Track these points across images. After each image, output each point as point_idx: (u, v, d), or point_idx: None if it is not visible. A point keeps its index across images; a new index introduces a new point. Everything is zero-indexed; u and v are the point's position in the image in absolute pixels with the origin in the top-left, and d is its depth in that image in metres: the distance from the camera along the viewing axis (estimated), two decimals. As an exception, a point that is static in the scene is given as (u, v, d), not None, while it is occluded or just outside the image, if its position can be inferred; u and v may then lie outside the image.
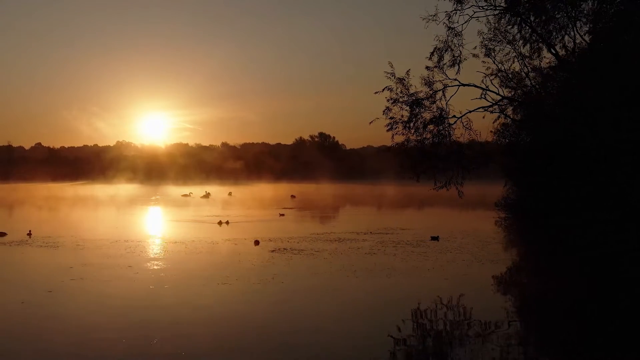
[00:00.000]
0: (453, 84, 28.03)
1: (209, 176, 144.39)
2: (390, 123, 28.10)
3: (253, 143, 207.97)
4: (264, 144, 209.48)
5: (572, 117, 30.28)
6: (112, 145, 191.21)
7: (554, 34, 25.95)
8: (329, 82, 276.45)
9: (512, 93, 31.26)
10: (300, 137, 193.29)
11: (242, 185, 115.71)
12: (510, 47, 28.69)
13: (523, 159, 36.20)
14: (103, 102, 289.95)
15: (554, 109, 30.86)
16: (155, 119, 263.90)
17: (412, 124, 27.98)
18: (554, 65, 30.45)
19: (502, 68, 29.48)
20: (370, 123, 28.22)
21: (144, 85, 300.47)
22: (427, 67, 28.07)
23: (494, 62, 29.37)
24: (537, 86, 33.43)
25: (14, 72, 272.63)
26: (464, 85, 28.13)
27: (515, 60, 29.28)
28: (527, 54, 28.78)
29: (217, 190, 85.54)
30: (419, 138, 27.65)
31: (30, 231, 30.74)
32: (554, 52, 26.96)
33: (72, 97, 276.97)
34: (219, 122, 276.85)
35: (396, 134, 27.93)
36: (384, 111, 28.26)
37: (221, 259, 23.11)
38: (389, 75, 28.00)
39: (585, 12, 25.51)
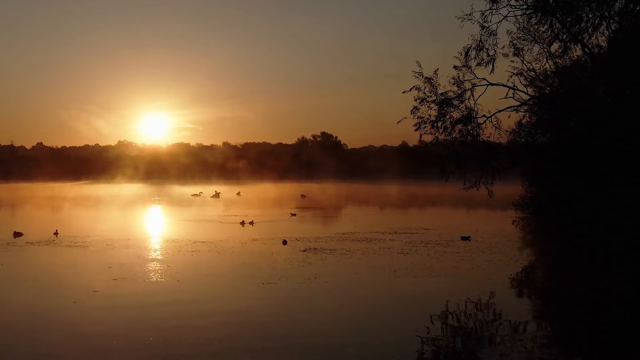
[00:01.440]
0: (481, 84, 28.03)
1: (212, 176, 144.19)
2: (418, 122, 28.10)
3: (254, 143, 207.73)
4: (265, 144, 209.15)
5: (592, 116, 30.37)
6: (113, 144, 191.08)
7: (586, 32, 25.93)
8: (329, 81, 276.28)
9: (538, 92, 31.23)
10: (303, 137, 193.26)
11: (247, 185, 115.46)
12: (539, 46, 28.67)
13: (543, 158, 36.14)
14: (103, 102, 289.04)
15: (576, 107, 30.89)
16: (155, 119, 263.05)
17: (440, 124, 27.96)
18: (581, 62, 30.45)
19: (531, 67, 29.46)
20: (398, 123, 28.31)
21: (145, 85, 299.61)
22: (455, 67, 28.11)
23: (523, 62, 29.36)
24: (562, 84, 33.43)
25: (14, 71, 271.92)
26: (492, 84, 28.16)
27: (544, 59, 29.23)
28: (556, 53, 28.73)
29: (225, 190, 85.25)
30: (447, 138, 27.61)
31: (57, 231, 30.65)
32: (587, 51, 26.94)
33: (73, 97, 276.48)
34: (219, 121, 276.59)
35: (424, 133, 27.90)
36: (411, 110, 28.29)
37: (256, 259, 23.01)
38: (416, 74, 28.02)
39: (616, 10, 25.51)
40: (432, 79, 27.86)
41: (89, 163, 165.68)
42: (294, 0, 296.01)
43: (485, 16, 26.12)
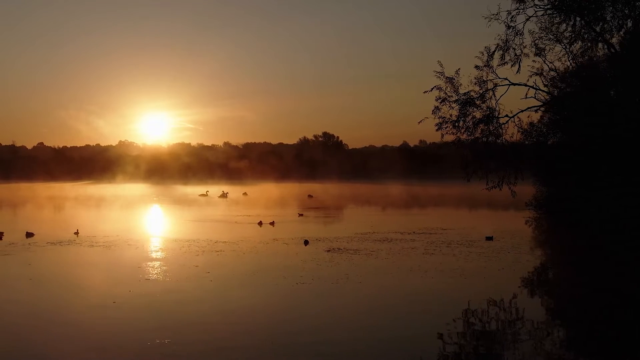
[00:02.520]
0: (503, 84, 28.02)
1: (214, 176, 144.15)
2: (440, 122, 28.06)
3: (255, 143, 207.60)
4: (265, 144, 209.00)
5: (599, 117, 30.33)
6: (114, 145, 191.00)
7: (609, 31, 25.95)
8: (330, 81, 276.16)
9: (558, 92, 31.23)
10: (304, 137, 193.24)
11: (250, 185, 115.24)
12: (560, 46, 28.65)
13: (554, 158, 36.10)
14: (103, 102, 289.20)
15: (585, 107, 30.89)
16: (156, 119, 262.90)
17: (461, 123, 27.94)
18: (594, 62, 30.46)
19: (553, 67, 29.46)
20: (419, 122, 28.25)
21: (145, 85, 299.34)
22: (476, 66, 28.10)
23: (544, 62, 29.35)
24: (572, 85, 33.43)
25: (14, 71, 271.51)
26: (514, 84, 28.15)
27: (565, 59, 29.23)
28: (577, 53, 28.72)
29: (230, 190, 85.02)
30: (469, 137, 27.58)
31: (77, 230, 30.56)
32: (613, 50, 26.95)
33: (73, 97, 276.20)
34: (219, 121, 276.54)
35: (446, 133, 27.88)
36: (433, 110, 28.25)
37: (282, 259, 22.95)
38: (438, 74, 28.00)
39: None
40: (454, 79, 27.84)
41: (90, 163, 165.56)
42: (295, 0, 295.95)
43: (512, 16, 26.12)
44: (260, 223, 36.19)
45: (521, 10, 26.05)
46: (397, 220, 42.68)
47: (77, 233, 30.05)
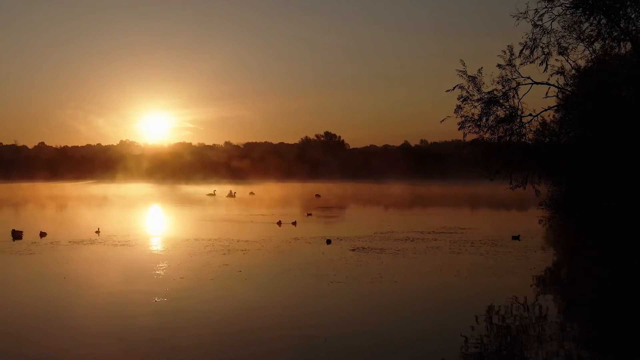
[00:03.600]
0: (526, 82, 27.98)
1: (217, 175, 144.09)
2: (462, 121, 28.02)
3: (256, 142, 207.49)
4: (267, 143, 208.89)
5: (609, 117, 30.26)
6: (115, 144, 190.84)
7: (635, 30, 25.91)
8: (331, 81, 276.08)
9: (576, 90, 31.20)
10: (306, 136, 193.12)
11: (254, 185, 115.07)
12: (583, 45, 28.64)
13: (568, 157, 36.01)
14: (103, 101, 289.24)
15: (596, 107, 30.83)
16: (156, 119, 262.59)
17: (482, 122, 27.90)
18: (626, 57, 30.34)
19: (575, 66, 29.45)
20: (441, 122, 28.25)
21: (145, 85, 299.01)
22: (498, 65, 28.06)
23: (567, 60, 29.32)
24: (584, 84, 33.39)
25: (14, 71, 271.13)
26: (536, 83, 28.11)
27: (588, 58, 29.22)
28: (599, 52, 28.71)
29: (236, 190, 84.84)
30: (493, 137, 27.56)
31: (98, 229, 30.49)
32: (637, 49, 26.93)
33: (73, 97, 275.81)
34: (220, 121, 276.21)
35: (468, 132, 27.86)
36: (455, 110, 28.20)
37: (310, 258, 22.92)
38: (460, 73, 27.97)
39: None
40: (476, 78, 27.82)
41: (92, 162, 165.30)
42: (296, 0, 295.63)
43: (540, 15, 26.09)
44: (279, 223, 35.99)
45: (549, 9, 26.01)
46: (411, 219, 42.64)
47: (98, 232, 29.96)
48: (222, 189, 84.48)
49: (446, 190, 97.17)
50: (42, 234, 29.48)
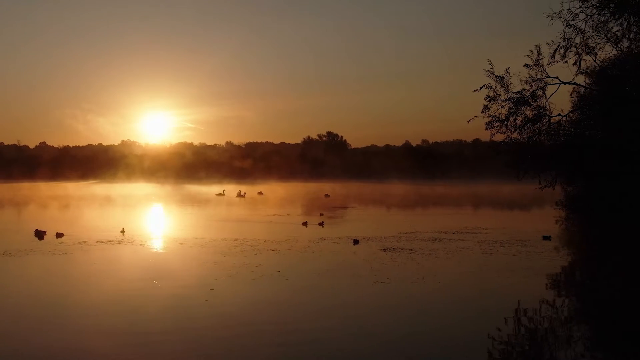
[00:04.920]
0: (554, 82, 27.91)
1: (221, 175, 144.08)
2: (490, 121, 27.95)
3: (257, 142, 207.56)
4: (268, 143, 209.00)
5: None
6: (116, 144, 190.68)
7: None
8: (332, 81, 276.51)
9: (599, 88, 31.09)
10: (309, 136, 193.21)
11: (259, 184, 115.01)
12: (610, 44, 28.55)
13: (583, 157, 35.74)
14: (104, 101, 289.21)
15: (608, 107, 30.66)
16: (157, 118, 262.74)
17: (510, 122, 27.84)
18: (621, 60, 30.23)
19: (602, 65, 29.34)
20: (468, 122, 28.19)
21: (145, 84, 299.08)
22: (526, 65, 27.97)
23: (595, 60, 29.26)
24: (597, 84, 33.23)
25: (14, 71, 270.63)
26: (564, 83, 28.04)
27: (615, 57, 29.12)
28: (626, 50, 28.62)
29: (244, 189, 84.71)
30: (521, 136, 27.49)
31: (123, 229, 30.35)
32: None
33: (73, 97, 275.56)
34: (220, 121, 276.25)
35: (496, 132, 27.78)
36: (482, 110, 28.13)
37: (344, 258, 22.85)
38: (487, 73, 27.89)
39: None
40: (504, 77, 27.73)
41: (94, 162, 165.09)
42: None
43: (574, 15, 26.04)
44: (305, 223, 35.69)
45: (583, 9, 25.95)
46: (429, 220, 42.49)
47: (122, 232, 29.83)
48: (230, 188, 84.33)
49: (451, 190, 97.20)
50: (59, 235, 29.11)
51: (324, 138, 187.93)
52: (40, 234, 29.33)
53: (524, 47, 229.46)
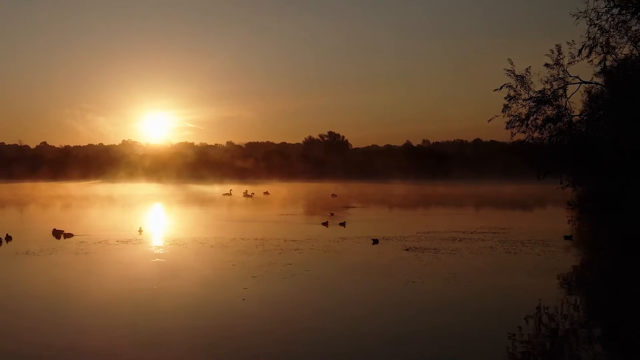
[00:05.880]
0: (574, 82, 27.88)
1: (223, 175, 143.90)
2: (510, 120, 27.90)
3: (258, 142, 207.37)
4: (268, 143, 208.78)
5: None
6: (117, 144, 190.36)
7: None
8: (332, 81, 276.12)
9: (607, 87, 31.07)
10: (310, 136, 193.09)
11: (260, 185, 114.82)
12: (631, 43, 28.52)
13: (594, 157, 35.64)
14: (104, 101, 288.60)
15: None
16: (157, 118, 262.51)
17: (531, 120, 27.79)
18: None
19: (621, 65, 29.31)
20: (489, 121, 28.13)
21: (145, 84, 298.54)
22: (546, 65, 27.94)
23: (615, 60, 29.22)
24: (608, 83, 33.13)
25: (14, 71, 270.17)
26: (584, 82, 28.00)
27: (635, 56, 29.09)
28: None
29: (249, 189, 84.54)
30: (542, 136, 27.46)
31: (140, 228, 30.27)
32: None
33: (73, 97, 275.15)
34: (221, 121, 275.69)
35: (517, 132, 27.74)
36: (502, 109, 28.07)
37: (368, 258, 22.83)
38: (508, 72, 27.85)
39: None
40: (525, 77, 27.69)
41: (95, 162, 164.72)
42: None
43: (599, 14, 26.01)
44: (326, 223, 35.41)
45: (608, 9, 25.92)
46: (444, 220, 42.38)
47: (140, 231, 29.74)
48: (236, 188, 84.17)
49: (455, 190, 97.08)
50: (67, 235, 28.88)
51: (326, 138, 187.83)
52: (57, 234, 29.24)
53: (524, 47, 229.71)
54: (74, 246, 25.41)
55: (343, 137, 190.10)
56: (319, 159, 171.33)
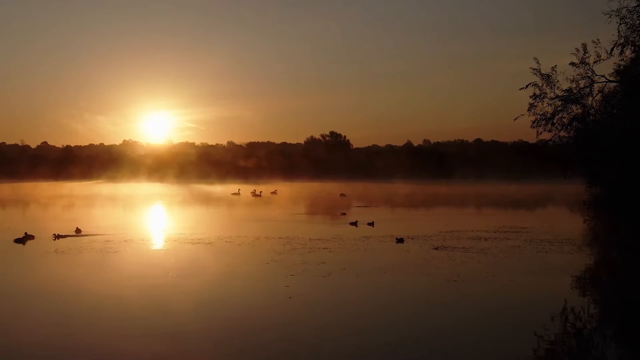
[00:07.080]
0: (600, 81, 27.79)
1: (226, 175, 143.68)
2: (536, 119, 27.81)
3: (258, 142, 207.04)
4: (269, 143, 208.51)
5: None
6: (118, 144, 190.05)
7: None
8: (333, 81, 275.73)
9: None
10: (312, 136, 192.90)
11: (263, 184, 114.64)
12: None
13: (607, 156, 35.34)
14: (104, 101, 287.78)
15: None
16: (157, 118, 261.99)
17: (556, 119, 27.71)
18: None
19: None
20: (514, 120, 27.99)
21: (146, 84, 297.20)
22: (571, 63, 27.82)
23: (638, 57, 29.10)
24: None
25: (14, 71, 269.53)
26: (610, 81, 27.91)
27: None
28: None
29: (257, 189, 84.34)
30: (568, 135, 27.38)
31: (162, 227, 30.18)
32: None
33: (73, 97, 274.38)
34: (221, 121, 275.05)
35: (543, 131, 27.65)
36: (528, 108, 27.98)
37: (400, 256, 22.69)
38: (534, 71, 27.75)
39: None
40: (551, 76, 27.60)
41: (96, 162, 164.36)
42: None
43: (631, 13, 25.94)
44: (355, 223, 34.94)
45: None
46: (463, 219, 42.27)
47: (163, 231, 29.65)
48: (243, 188, 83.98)
49: (460, 189, 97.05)
50: (77, 231, 29.39)
51: (327, 138, 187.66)
52: (78, 232, 29.36)
53: (525, 47, 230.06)
54: (100, 245, 25.27)
55: (345, 137, 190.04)
56: (320, 158, 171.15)
